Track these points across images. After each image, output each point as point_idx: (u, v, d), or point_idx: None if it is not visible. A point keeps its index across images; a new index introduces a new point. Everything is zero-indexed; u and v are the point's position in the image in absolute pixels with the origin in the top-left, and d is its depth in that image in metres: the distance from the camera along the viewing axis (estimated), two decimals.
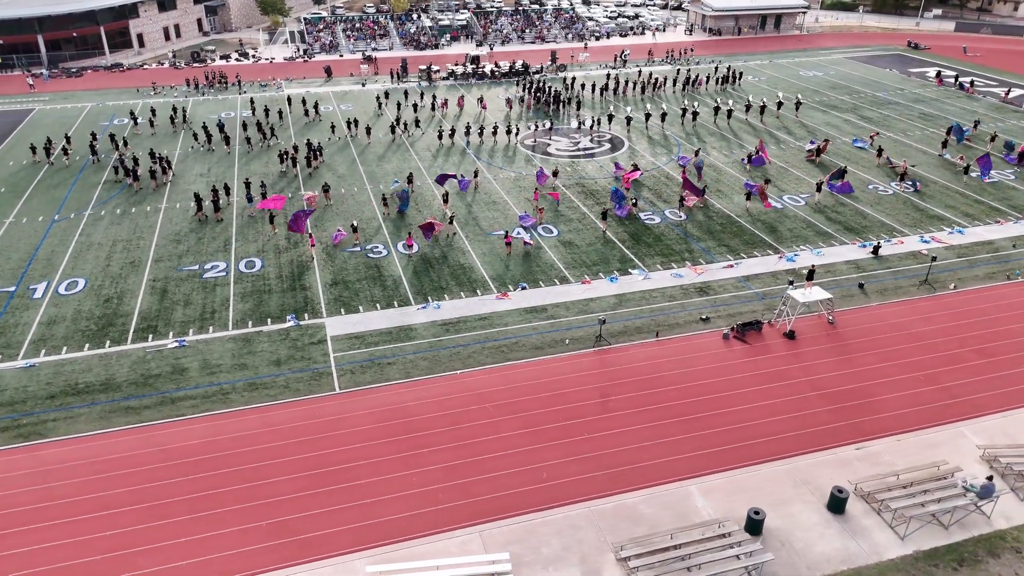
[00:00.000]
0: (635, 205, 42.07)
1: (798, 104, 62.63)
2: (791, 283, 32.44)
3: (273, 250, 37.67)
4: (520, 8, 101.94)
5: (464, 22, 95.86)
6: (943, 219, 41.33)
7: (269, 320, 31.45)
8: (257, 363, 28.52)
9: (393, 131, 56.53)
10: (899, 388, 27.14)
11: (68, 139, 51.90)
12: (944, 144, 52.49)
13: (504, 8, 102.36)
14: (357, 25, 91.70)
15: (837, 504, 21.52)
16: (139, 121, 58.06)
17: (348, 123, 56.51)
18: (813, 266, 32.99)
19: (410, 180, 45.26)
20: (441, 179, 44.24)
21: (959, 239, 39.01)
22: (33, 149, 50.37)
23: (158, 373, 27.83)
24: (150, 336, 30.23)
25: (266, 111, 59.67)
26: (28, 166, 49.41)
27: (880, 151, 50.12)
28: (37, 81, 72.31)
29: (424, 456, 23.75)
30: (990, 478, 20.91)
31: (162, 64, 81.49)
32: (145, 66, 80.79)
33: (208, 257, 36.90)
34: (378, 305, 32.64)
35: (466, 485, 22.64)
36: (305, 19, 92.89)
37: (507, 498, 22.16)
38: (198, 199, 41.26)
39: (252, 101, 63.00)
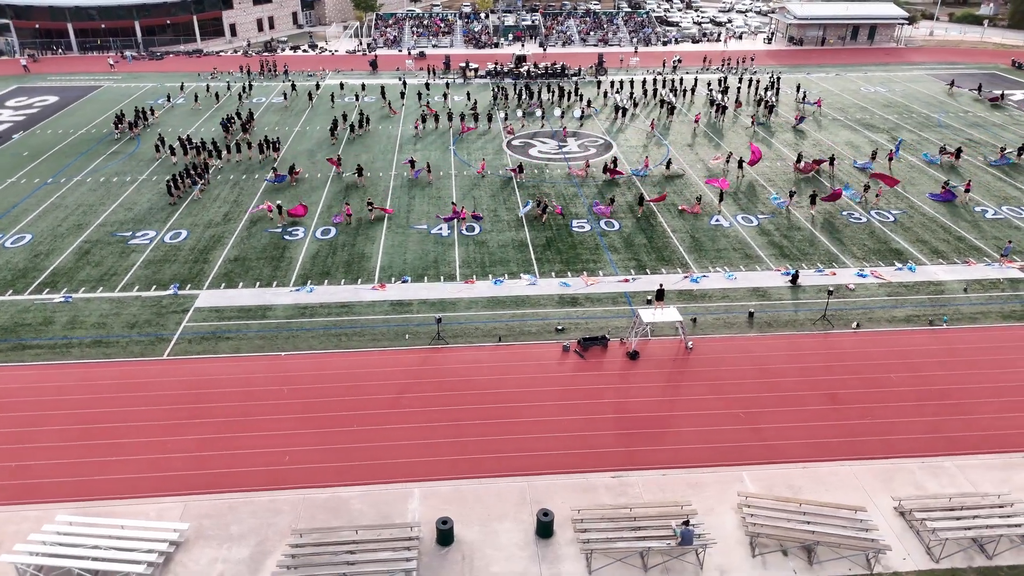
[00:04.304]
0: (542, 208, 40.99)
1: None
2: (648, 302, 30.73)
3: (204, 224, 40.20)
4: (589, 10, 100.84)
5: (533, 22, 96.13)
6: (903, 254, 37.31)
7: (154, 287, 33.75)
8: (115, 324, 30.78)
9: (359, 126, 57.38)
10: (708, 423, 25.14)
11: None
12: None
13: (574, 10, 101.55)
14: (424, 22, 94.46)
15: (543, 528, 20.50)
16: (170, 100, 63.45)
17: (344, 116, 59.11)
18: (661, 285, 30.93)
19: (359, 172, 46.59)
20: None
21: (906, 276, 35.13)
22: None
23: (28, 323, 30.72)
24: (46, 290, 33.36)
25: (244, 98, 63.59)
26: (59, 136, 55.27)
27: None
28: (120, 63, 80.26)
29: (191, 426, 24.82)
30: (686, 523, 19.13)
31: (236, 52, 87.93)
32: (221, 53, 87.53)
33: (145, 226, 39.96)
34: (258, 283, 34.13)
35: (208, 458, 23.49)
36: (377, 15, 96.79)
37: (234, 475, 22.79)
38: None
39: (294, 86, 67.69)
